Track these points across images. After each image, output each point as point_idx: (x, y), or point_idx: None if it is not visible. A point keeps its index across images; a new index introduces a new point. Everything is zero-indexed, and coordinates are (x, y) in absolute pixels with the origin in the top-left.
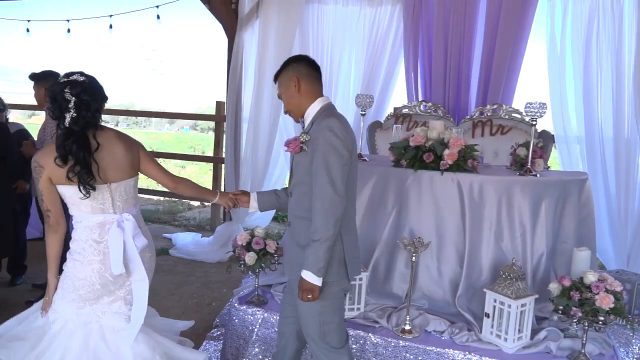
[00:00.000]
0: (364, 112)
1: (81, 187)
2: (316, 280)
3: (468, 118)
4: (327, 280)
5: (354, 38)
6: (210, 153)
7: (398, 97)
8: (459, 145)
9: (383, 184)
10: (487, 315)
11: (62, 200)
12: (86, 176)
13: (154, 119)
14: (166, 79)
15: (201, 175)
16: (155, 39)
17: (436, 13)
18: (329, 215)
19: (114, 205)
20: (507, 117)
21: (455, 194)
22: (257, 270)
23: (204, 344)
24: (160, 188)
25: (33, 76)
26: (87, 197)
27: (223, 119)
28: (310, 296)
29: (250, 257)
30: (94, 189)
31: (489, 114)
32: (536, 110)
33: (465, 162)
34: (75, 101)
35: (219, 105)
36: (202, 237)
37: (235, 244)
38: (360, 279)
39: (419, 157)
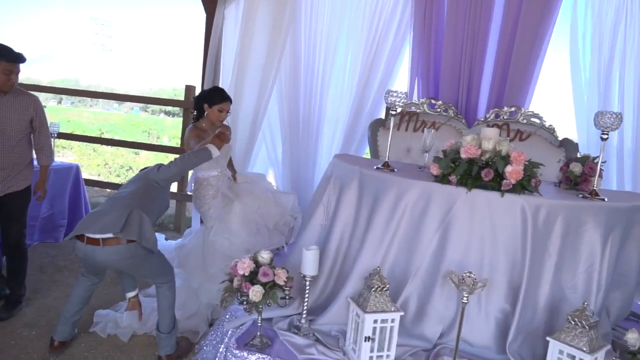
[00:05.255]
0: (395, 112)
1: None
2: None
3: (482, 120)
4: None
5: (353, 22)
6: (166, 139)
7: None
8: (523, 160)
9: (424, 205)
10: None
11: None
12: None
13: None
14: (116, 56)
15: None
16: (107, 12)
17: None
18: None
19: None
20: (525, 121)
21: (517, 220)
22: (260, 307)
23: None
24: (111, 180)
25: None
26: None
27: (191, 105)
28: None
29: (255, 292)
30: None
31: (505, 117)
32: (611, 122)
33: (529, 181)
34: None
35: (189, 89)
36: (166, 239)
37: (235, 272)
38: (392, 320)
39: (474, 174)
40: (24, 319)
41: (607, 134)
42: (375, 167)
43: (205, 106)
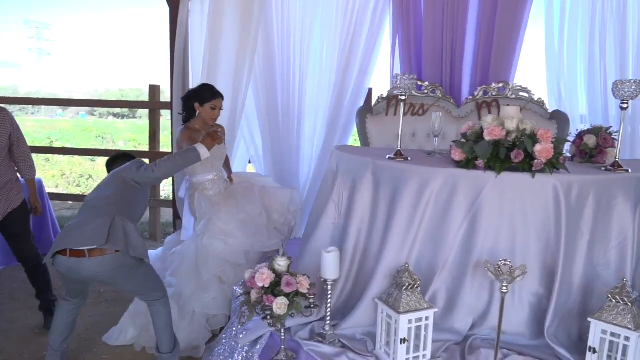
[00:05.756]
0: (404, 97)
1: None
2: None
3: (471, 98)
4: None
5: (327, 6)
6: (122, 143)
7: (379, 75)
8: (550, 137)
9: (449, 193)
10: (593, 351)
11: None
12: None
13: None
14: (57, 60)
15: None
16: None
17: None
18: None
19: None
20: (514, 96)
21: (550, 201)
22: (283, 320)
23: None
24: (71, 191)
25: None
26: None
27: (159, 105)
28: None
29: (280, 305)
30: None
31: (494, 94)
32: (632, 90)
33: (557, 159)
34: None
35: (153, 89)
36: None
37: (253, 285)
38: (427, 319)
39: (502, 156)
40: (3, 355)
41: (627, 103)
42: (387, 157)
43: (196, 105)
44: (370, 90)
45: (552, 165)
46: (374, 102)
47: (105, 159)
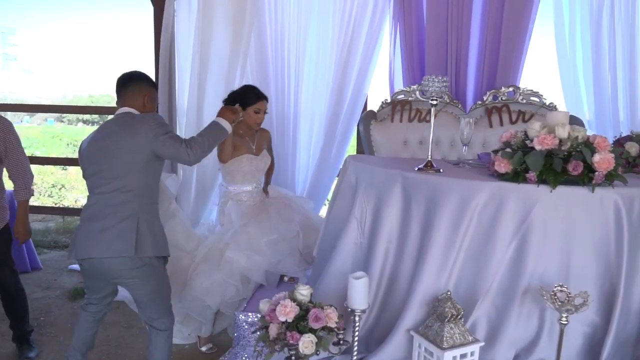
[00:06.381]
0: (435, 102)
1: None
2: None
3: (480, 103)
4: None
5: (323, 5)
6: None
7: (379, 78)
8: (608, 146)
9: (494, 209)
10: None
11: None
12: None
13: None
14: (24, 66)
15: None
16: (8, 20)
17: None
18: None
19: None
20: (524, 101)
21: (610, 217)
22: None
23: None
24: (43, 202)
25: None
26: None
27: None
28: None
29: (307, 344)
30: None
31: (503, 98)
32: None
33: (616, 170)
34: None
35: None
36: None
37: (274, 319)
38: (472, 354)
39: (558, 168)
40: None
41: None
42: (416, 169)
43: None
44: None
45: (611, 177)
46: (375, 108)
47: (78, 168)
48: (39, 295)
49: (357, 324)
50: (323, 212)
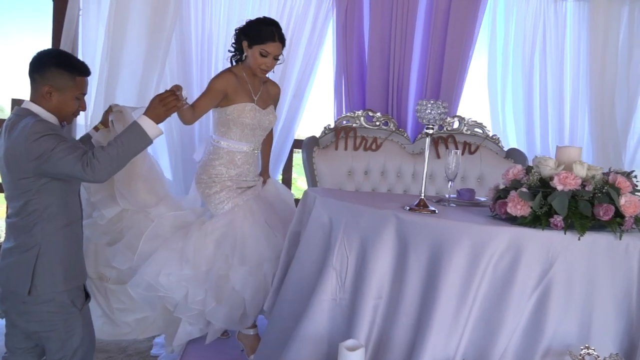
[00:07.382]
0: (432, 129)
1: None
2: None
3: (424, 134)
4: None
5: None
6: None
7: (314, 101)
8: (629, 186)
9: (512, 259)
10: None
11: None
12: None
13: None
14: None
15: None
16: None
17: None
18: None
19: None
20: (469, 132)
21: (635, 266)
22: None
23: None
24: None
25: None
26: None
27: None
28: None
29: None
30: None
31: (449, 129)
32: None
33: None
34: None
35: (16, 104)
36: None
37: None
38: None
39: (587, 212)
40: None
41: None
42: (408, 208)
43: (244, 44)
44: None
45: (637, 221)
46: (317, 134)
47: None
48: None
49: None
50: None
